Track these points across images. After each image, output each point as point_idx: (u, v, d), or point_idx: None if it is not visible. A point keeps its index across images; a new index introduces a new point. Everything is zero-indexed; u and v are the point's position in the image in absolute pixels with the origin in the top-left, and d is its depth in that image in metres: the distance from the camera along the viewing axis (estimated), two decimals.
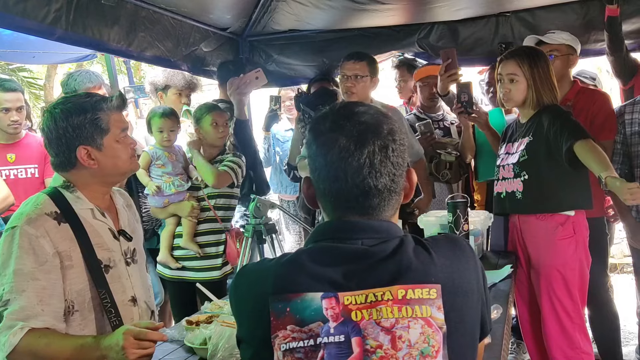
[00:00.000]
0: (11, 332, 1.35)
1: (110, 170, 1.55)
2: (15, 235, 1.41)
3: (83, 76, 2.80)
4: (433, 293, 0.91)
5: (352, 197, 0.96)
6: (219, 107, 2.82)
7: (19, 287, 1.38)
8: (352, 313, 0.89)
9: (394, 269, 0.92)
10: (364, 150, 0.94)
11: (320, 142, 0.97)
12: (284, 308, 0.89)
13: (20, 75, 8.09)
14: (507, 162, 2.44)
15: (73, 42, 2.54)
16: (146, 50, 2.91)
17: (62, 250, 1.45)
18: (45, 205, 1.48)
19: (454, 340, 0.91)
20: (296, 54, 3.69)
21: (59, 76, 9.12)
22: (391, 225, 0.99)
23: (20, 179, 2.76)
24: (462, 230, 2.26)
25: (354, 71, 2.78)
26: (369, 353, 0.88)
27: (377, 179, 0.94)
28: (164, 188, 2.67)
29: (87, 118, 1.49)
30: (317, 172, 0.98)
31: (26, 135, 2.88)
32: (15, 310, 1.36)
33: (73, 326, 1.47)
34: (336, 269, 0.92)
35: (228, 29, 3.52)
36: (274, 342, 0.89)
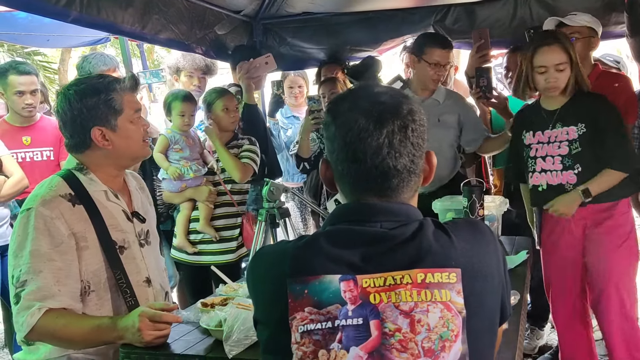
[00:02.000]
0: (29, 313, 1.37)
1: (123, 151, 1.56)
2: (30, 216, 1.43)
3: (98, 59, 2.80)
4: (453, 277, 0.90)
5: (370, 178, 0.95)
6: (229, 92, 2.80)
7: (35, 267, 1.40)
8: (371, 296, 0.89)
9: (414, 252, 0.91)
10: (383, 130, 0.93)
11: (339, 123, 0.96)
12: (302, 290, 0.89)
13: (34, 59, 8.15)
14: (549, 153, 2.36)
15: (87, 25, 2.53)
16: (160, 33, 2.90)
17: (77, 231, 1.47)
18: (60, 187, 1.49)
19: (473, 325, 0.90)
20: (310, 37, 3.66)
21: (73, 60, 9.17)
22: (410, 208, 0.98)
23: (36, 161, 2.78)
24: (477, 216, 2.23)
25: (446, 59, 2.70)
26: (387, 336, 0.88)
27: (396, 160, 0.93)
28: (183, 172, 2.66)
29: (101, 99, 1.50)
30: (335, 153, 0.97)
31: (41, 118, 2.90)
32: (33, 291, 1.38)
33: (90, 306, 1.49)
34: (354, 252, 0.91)
35: (242, 12, 3.50)
36: (291, 324, 0.88)
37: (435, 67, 2.66)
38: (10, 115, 2.81)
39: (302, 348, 0.88)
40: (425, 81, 2.72)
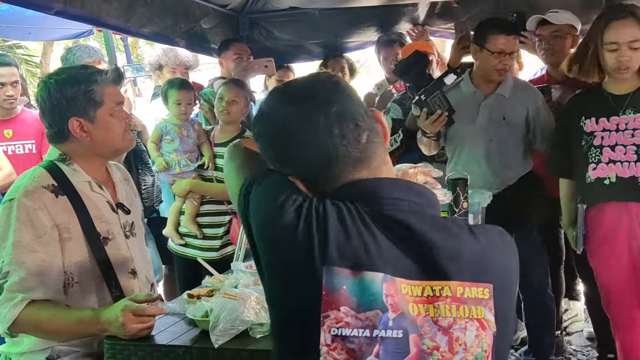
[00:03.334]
0: (12, 304, 1.36)
1: (102, 143, 1.53)
2: (13, 207, 1.41)
3: (82, 51, 2.78)
4: (486, 293, 0.84)
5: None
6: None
7: (18, 259, 1.39)
8: (410, 306, 0.81)
9: (453, 261, 0.84)
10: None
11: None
12: (340, 285, 0.79)
13: (16, 52, 8.02)
14: (619, 142, 2.11)
15: (71, 17, 2.52)
16: (145, 26, 2.88)
17: (60, 222, 1.45)
18: (42, 178, 1.48)
19: (499, 344, 0.86)
20: (296, 31, 3.65)
21: (55, 53, 9.04)
22: (428, 190, 0.93)
23: (18, 154, 2.76)
24: (461, 208, 2.26)
25: (512, 47, 2.46)
26: (425, 354, 0.81)
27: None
28: (171, 165, 2.63)
29: (81, 90, 1.47)
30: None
31: (22, 111, 2.87)
32: (16, 282, 1.37)
33: (74, 297, 1.48)
34: (392, 247, 0.82)
35: (228, 6, 3.48)
36: (323, 322, 0.79)
37: (500, 56, 2.44)
38: None
39: (332, 353, 0.80)
40: (489, 72, 2.50)
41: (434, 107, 2.38)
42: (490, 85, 2.56)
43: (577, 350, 3.04)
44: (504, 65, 2.46)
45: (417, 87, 2.42)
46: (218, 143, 2.70)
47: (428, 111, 2.39)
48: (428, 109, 2.39)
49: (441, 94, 2.39)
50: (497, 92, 2.54)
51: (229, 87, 2.66)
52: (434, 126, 2.43)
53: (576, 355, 2.99)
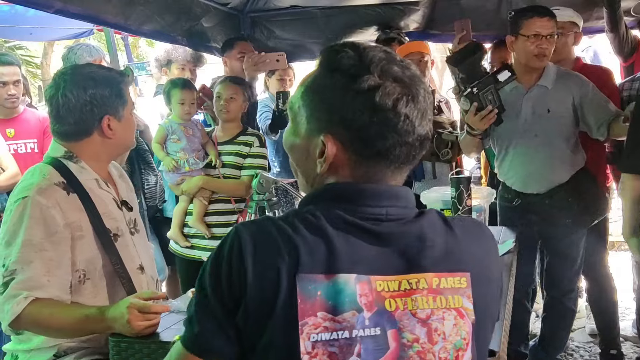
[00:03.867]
0: (15, 301, 1.36)
1: (122, 141, 1.58)
2: (27, 205, 1.41)
3: (83, 49, 2.78)
4: (464, 282, 0.85)
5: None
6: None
7: (26, 257, 1.38)
8: (386, 302, 0.81)
9: (427, 253, 0.85)
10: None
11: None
12: (315, 291, 0.79)
13: (17, 53, 8.02)
14: None
15: (71, 16, 2.50)
16: (145, 24, 2.86)
17: (72, 221, 1.46)
18: (52, 176, 1.48)
19: (479, 331, 0.87)
20: (298, 30, 3.65)
21: (56, 54, 9.05)
22: (409, 191, 0.91)
23: (20, 153, 2.75)
24: (465, 206, 2.26)
25: (548, 29, 2.34)
26: (405, 347, 0.81)
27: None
28: (180, 164, 2.61)
29: (114, 88, 1.51)
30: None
31: (24, 111, 2.87)
32: (22, 280, 1.37)
33: (85, 294, 1.49)
34: (365, 247, 0.83)
35: (229, 4, 3.47)
36: (302, 330, 0.78)
37: (536, 40, 2.32)
38: None
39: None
40: (528, 60, 2.38)
41: (485, 102, 2.28)
42: (531, 77, 2.44)
43: (580, 346, 3.04)
44: (541, 49, 2.33)
45: (470, 79, 2.31)
46: (221, 142, 2.70)
47: (479, 106, 2.29)
48: (479, 104, 2.29)
49: (494, 90, 2.28)
50: (539, 83, 2.43)
51: (226, 85, 2.66)
52: (482, 123, 2.32)
53: (578, 351, 2.99)
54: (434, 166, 3.00)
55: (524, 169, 2.47)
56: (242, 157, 2.67)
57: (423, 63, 2.98)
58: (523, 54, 2.38)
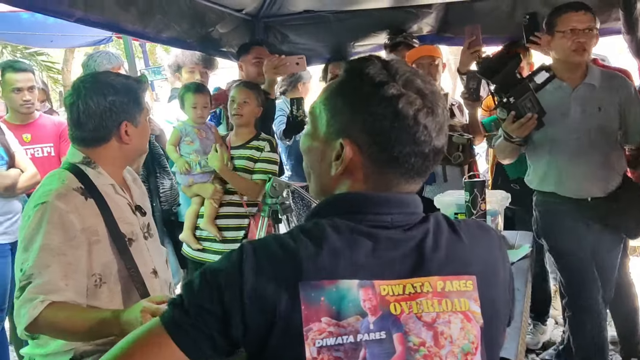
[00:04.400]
0: (31, 305, 1.36)
1: (137, 146, 1.61)
2: (46, 210, 1.42)
3: (103, 57, 2.83)
4: (470, 285, 0.85)
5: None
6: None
7: (44, 262, 1.39)
8: (391, 305, 0.82)
9: (432, 257, 0.85)
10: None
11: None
12: (318, 297, 0.80)
13: (38, 59, 8.16)
14: None
15: (92, 24, 2.55)
16: (162, 32, 2.91)
17: (89, 225, 1.48)
18: (71, 181, 1.50)
19: (488, 335, 0.86)
20: (311, 34, 3.67)
21: (76, 60, 9.20)
22: (416, 197, 0.92)
23: (37, 157, 2.81)
24: (479, 210, 2.25)
25: (585, 23, 2.24)
26: (411, 351, 0.81)
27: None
28: (192, 166, 2.64)
29: (132, 95, 1.55)
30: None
31: (40, 116, 2.93)
32: (39, 285, 1.38)
33: (102, 298, 1.50)
34: (369, 253, 0.84)
35: (243, 10, 3.51)
36: (306, 336, 0.79)
37: (573, 35, 2.24)
38: (10, 114, 2.84)
39: None
40: (567, 56, 2.28)
41: (524, 110, 2.20)
42: (575, 75, 2.33)
43: None
44: (579, 43, 2.23)
45: (505, 88, 2.22)
46: (234, 146, 2.73)
47: (517, 114, 2.21)
48: (517, 112, 2.21)
49: (532, 96, 2.19)
50: (586, 81, 2.32)
51: (240, 89, 2.69)
52: (521, 130, 2.23)
53: None
54: (445, 169, 2.99)
55: (576, 172, 2.32)
56: (253, 161, 2.69)
57: (434, 67, 2.97)
58: (562, 51, 2.29)
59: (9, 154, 2.57)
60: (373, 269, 0.83)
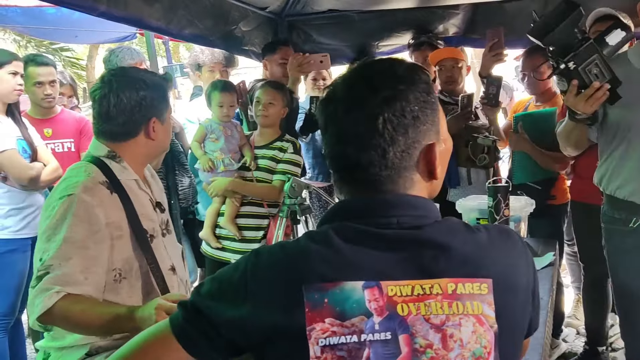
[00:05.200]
0: (46, 295, 1.35)
1: (161, 143, 1.62)
2: (72, 203, 1.42)
3: (125, 53, 2.83)
4: (484, 288, 0.83)
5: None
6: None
7: (65, 254, 1.39)
8: (398, 306, 0.81)
9: (442, 258, 0.84)
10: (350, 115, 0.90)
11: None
12: (321, 299, 0.80)
13: (63, 55, 8.30)
14: None
15: (115, 19, 2.56)
16: (185, 29, 2.91)
17: (113, 220, 1.47)
18: (97, 175, 1.50)
19: (503, 341, 0.84)
20: (335, 34, 3.64)
21: (100, 56, 9.32)
22: (428, 202, 0.90)
23: (57, 152, 2.82)
24: (502, 216, 2.19)
25: None
26: (418, 353, 0.80)
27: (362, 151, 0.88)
28: (216, 164, 2.63)
29: (161, 92, 1.57)
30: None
31: (62, 111, 2.95)
32: (57, 276, 1.37)
33: (122, 294, 1.50)
34: (375, 254, 0.83)
35: (267, 8, 3.50)
36: (309, 335, 0.80)
37: None
38: (32, 109, 2.87)
39: None
40: None
41: (589, 78, 1.76)
42: None
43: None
44: None
45: (563, 51, 1.77)
46: (258, 146, 2.72)
47: (580, 83, 1.77)
48: (580, 81, 1.77)
49: (600, 60, 1.75)
50: None
51: (266, 90, 2.67)
52: (588, 104, 1.79)
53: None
54: (469, 172, 2.93)
55: None
56: (275, 161, 2.68)
57: (457, 69, 2.92)
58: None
59: (32, 148, 2.59)
60: (380, 269, 0.82)
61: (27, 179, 2.48)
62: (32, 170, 2.50)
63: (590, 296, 2.80)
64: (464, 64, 2.98)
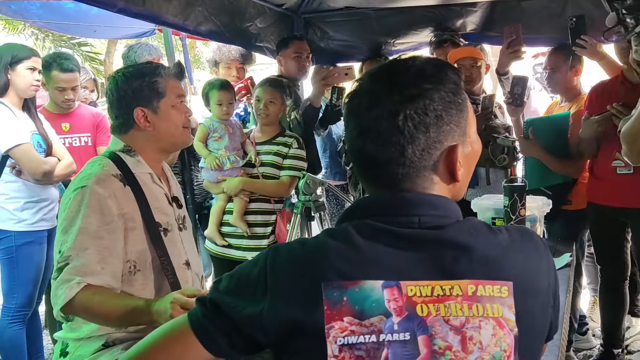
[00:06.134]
0: (68, 286, 1.39)
1: (164, 133, 1.60)
2: (85, 194, 1.46)
3: (143, 48, 2.86)
4: (505, 291, 0.82)
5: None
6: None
7: (82, 244, 1.43)
8: (418, 307, 0.80)
9: (463, 259, 0.82)
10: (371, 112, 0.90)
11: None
12: (340, 297, 0.80)
13: (81, 50, 8.38)
14: None
15: (133, 15, 2.58)
16: (202, 25, 2.93)
17: (126, 212, 1.51)
18: (110, 167, 1.54)
19: (523, 345, 0.83)
20: (351, 31, 3.63)
21: (118, 52, 9.41)
22: (450, 202, 0.89)
23: (74, 146, 2.87)
24: (518, 216, 2.17)
25: None
26: (436, 354, 0.80)
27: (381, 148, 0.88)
28: (221, 162, 2.64)
29: (145, 81, 1.56)
30: None
31: (79, 106, 2.99)
32: (76, 267, 1.41)
33: (135, 286, 1.53)
34: (395, 253, 0.83)
35: (283, 5, 3.49)
36: (328, 333, 0.80)
37: None
38: (50, 103, 2.91)
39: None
40: None
41: None
42: None
43: None
44: None
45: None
46: (259, 142, 2.72)
47: None
48: None
49: None
50: None
51: (266, 89, 2.68)
52: None
53: None
54: (488, 172, 2.91)
55: None
56: (281, 157, 2.68)
57: (476, 68, 2.90)
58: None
59: (47, 143, 2.63)
60: (399, 269, 0.82)
61: (41, 173, 2.51)
62: (46, 165, 2.54)
63: (606, 298, 2.78)
64: (483, 63, 2.96)
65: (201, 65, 10.38)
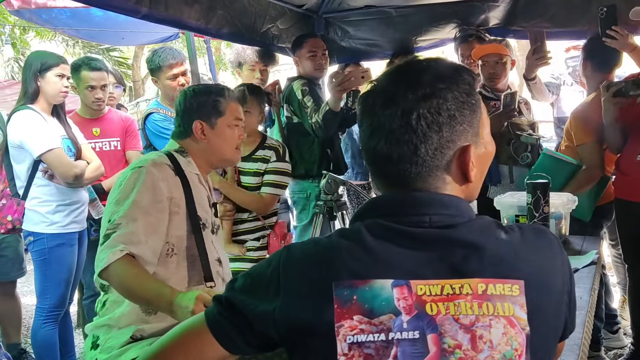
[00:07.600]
0: (112, 251, 1.49)
1: (215, 148, 1.76)
2: (142, 173, 1.61)
3: (167, 53, 2.91)
4: (516, 289, 0.82)
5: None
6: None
7: (132, 215, 1.54)
8: (427, 305, 0.81)
9: (474, 258, 0.82)
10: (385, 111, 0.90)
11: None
12: (350, 296, 0.81)
13: (110, 55, 8.57)
14: None
15: (156, 20, 2.65)
16: (224, 28, 2.98)
17: (174, 197, 1.64)
18: (165, 159, 1.69)
19: (535, 344, 0.82)
20: (372, 30, 3.63)
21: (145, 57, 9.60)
22: (461, 201, 0.89)
23: (104, 151, 2.93)
24: (542, 213, 2.13)
25: None
26: (446, 353, 0.80)
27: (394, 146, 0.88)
28: None
29: (210, 98, 1.75)
30: None
31: (109, 111, 3.06)
32: (123, 234, 1.51)
33: (170, 268, 1.63)
34: (405, 252, 0.83)
35: (304, 6, 3.52)
36: (337, 332, 0.80)
37: None
38: (82, 108, 2.99)
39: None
40: None
41: None
42: None
43: None
44: None
45: None
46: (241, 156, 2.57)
47: None
48: None
49: None
50: None
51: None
52: None
53: None
54: (512, 170, 2.87)
55: None
56: (259, 175, 2.55)
57: (501, 64, 2.86)
58: None
59: (76, 147, 2.70)
60: (409, 268, 0.82)
61: (72, 177, 2.59)
62: (77, 168, 2.61)
63: (635, 296, 2.71)
64: (508, 59, 2.91)
65: (224, 67, 10.49)
